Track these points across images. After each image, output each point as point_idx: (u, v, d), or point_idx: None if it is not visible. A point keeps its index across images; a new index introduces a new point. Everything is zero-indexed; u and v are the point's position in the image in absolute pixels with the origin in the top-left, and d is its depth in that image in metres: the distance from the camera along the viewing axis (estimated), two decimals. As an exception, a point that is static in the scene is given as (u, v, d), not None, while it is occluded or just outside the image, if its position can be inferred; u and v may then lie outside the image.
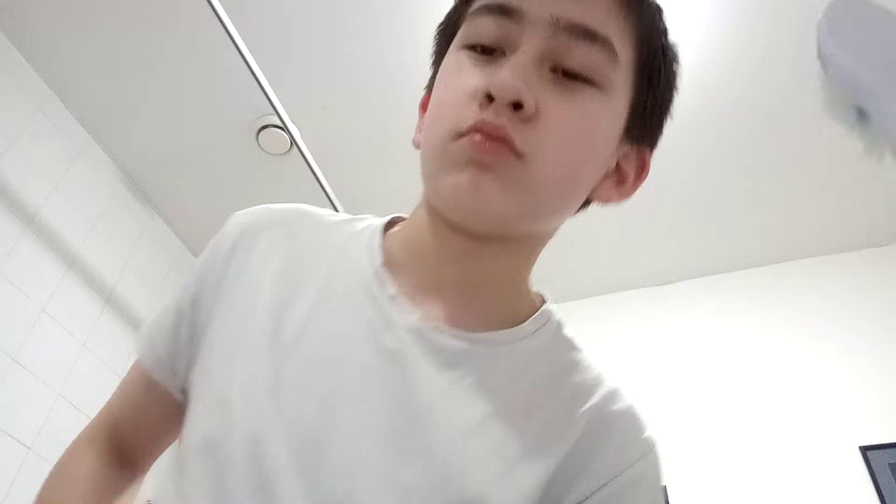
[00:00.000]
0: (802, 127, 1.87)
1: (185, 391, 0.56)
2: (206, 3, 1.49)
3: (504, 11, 0.50)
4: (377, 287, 0.53)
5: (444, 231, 0.53)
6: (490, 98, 0.47)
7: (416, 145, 0.57)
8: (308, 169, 1.88)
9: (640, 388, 2.31)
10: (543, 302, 0.60)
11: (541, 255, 0.60)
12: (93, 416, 0.64)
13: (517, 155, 0.48)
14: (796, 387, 2.12)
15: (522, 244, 0.55)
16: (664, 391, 2.26)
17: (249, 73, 1.63)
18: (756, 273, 2.43)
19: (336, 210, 1.97)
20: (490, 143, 0.47)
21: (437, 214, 0.54)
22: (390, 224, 0.61)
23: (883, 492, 1.83)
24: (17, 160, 1.77)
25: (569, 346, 0.58)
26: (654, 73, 0.54)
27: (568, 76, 0.49)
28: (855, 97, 0.67)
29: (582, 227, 2.41)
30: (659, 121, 0.58)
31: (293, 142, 1.88)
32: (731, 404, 2.15)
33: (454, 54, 0.53)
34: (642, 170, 0.58)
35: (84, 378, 1.82)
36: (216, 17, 1.52)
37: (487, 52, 0.51)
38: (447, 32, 0.58)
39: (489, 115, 0.47)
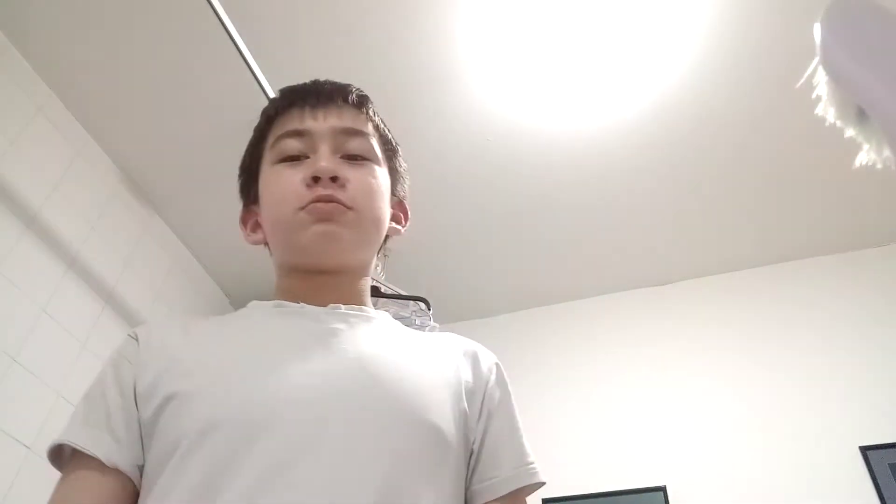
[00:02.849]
0: (802, 126, 1.87)
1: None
2: (207, 3, 1.49)
3: (301, 133, 0.78)
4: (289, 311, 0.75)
5: (302, 276, 0.76)
6: (315, 179, 0.73)
7: (256, 242, 0.82)
8: (308, 169, 1.88)
9: (640, 386, 2.32)
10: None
11: (540, 257, 0.61)
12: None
13: (346, 207, 0.73)
14: (796, 386, 2.12)
15: (355, 274, 0.79)
16: (664, 390, 2.26)
17: (249, 73, 1.63)
18: (756, 273, 2.43)
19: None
20: (327, 204, 0.72)
21: (294, 268, 0.77)
22: None
23: (883, 492, 1.83)
24: (17, 160, 1.77)
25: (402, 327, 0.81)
26: (390, 149, 0.85)
27: (352, 158, 0.78)
28: (855, 97, 0.67)
29: (583, 229, 2.41)
30: (402, 179, 0.87)
31: (293, 142, 1.88)
32: (731, 404, 2.15)
33: (271, 169, 0.78)
34: (406, 213, 0.87)
35: (84, 378, 1.80)
36: (216, 17, 1.52)
37: (294, 160, 0.77)
38: (251, 167, 0.84)
39: (321, 190, 0.72)
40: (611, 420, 2.25)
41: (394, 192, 0.84)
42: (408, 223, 0.87)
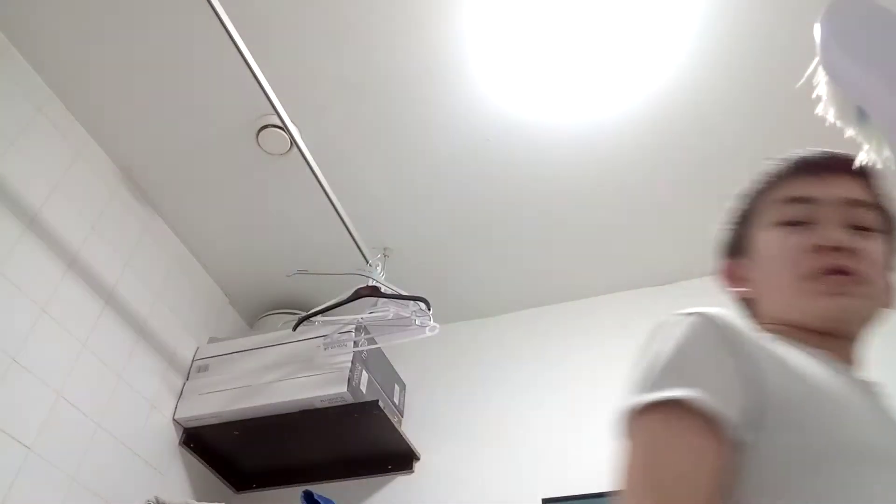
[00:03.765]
0: (801, 127, 1.87)
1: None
2: (207, 3, 1.49)
3: (809, 200, 0.79)
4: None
5: (806, 333, 0.75)
6: (829, 249, 0.73)
7: (739, 295, 0.87)
8: (308, 169, 1.89)
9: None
10: None
11: (541, 257, 0.60)
12: (91, 416, 0.63)
13: (861, 280, 0.73)
14: (796, 387, 2.12)
15: (857, 342, 0.79)
16: (664, 391, 2.26)
17: (249, 73, 1.63)
18: (756, 273, 2.43)
19: (335, 209, 1.97)
20: (846, 276, 0.73)
21: (794, 326, 0.76)
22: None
23: (883, 492, 1.83)
24: (17, 160, 1.77)
25: None
26: (892, 221, 0.82)
27: (858, 230, 0.76)
28: (855, 96, 0.68)
29: (583, 229, 2.40)
30: None
31: (293, 142, 1.88)
32: (731, 404, 2.15)
33: (772, 231, 0.80)
34: None
35: (84, 378, 1.82)
36: (216, 17, 1.52)
37: (797, 224, 0.78)
38: (745, 223, 0.87)
39: (833, 260, 0.73)
40: (611, 419, 2.25)
41: (891, 266, 0.82)
42: None
